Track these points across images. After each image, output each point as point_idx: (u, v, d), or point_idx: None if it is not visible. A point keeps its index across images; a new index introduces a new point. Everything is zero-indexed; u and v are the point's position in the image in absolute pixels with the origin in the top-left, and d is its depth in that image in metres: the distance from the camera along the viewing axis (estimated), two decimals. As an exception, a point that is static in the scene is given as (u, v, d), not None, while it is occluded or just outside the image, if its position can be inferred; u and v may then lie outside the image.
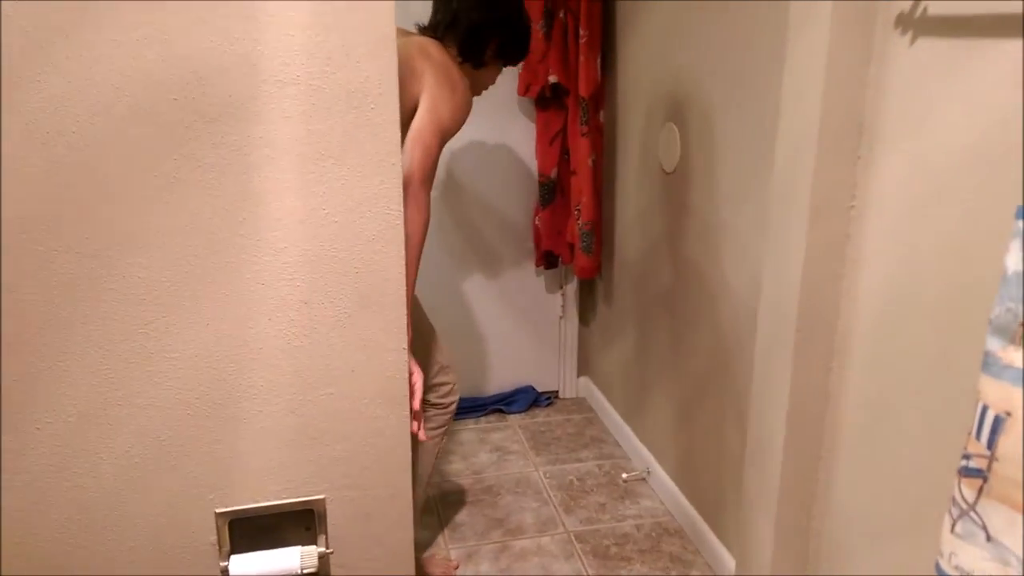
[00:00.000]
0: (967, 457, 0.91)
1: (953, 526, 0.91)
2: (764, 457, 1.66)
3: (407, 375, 1.33)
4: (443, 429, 1.97)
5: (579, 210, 2.67)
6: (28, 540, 1.24)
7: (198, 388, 1.23)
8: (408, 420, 1.35)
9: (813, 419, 1.58)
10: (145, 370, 1.20)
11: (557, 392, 3.11)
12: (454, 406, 1.98)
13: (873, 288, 1.43)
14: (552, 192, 2.74)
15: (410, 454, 1.38)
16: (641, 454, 2.55)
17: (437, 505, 2.39)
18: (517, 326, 3.00)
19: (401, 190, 1.23)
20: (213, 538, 1.31)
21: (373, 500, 1.36)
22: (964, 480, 0.91)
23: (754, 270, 1.79)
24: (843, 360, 1.52)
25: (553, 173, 2.71)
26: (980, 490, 0.88)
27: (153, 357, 1.20)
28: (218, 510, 1.29)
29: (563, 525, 2.29)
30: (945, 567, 0.84)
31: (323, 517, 1.34)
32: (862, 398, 1.48)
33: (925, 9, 1.28)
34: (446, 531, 2.27)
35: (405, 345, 1.30)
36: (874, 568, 1.47)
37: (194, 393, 1.23)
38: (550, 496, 2.44)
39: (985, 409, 0.88)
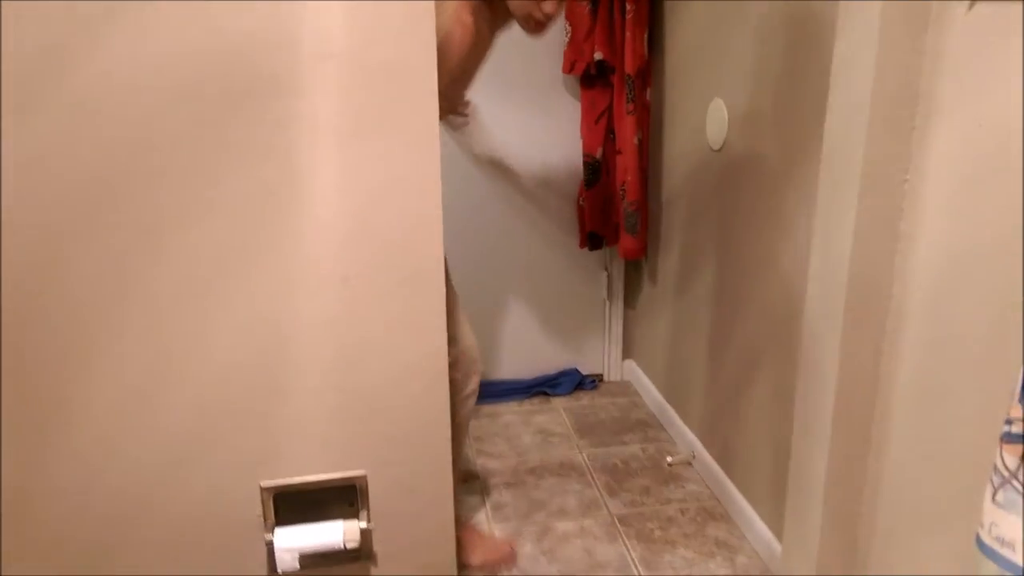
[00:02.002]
0: (1009, 423, 0.87)
1: (994, 495, 0.87)
2: (812, 441, 1.62)
3: (445, 350, 1.32)
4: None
5: (624, 190, 2.63)
6: (79, 513, 1.28)
7: (243, 364, 1.25)
8: (447, 395, 1.35)
9: (863, 402, 1.53)
10: (191, 346, 1.22)
11: (601, 375, 3.08)
12: (460, 385, 1.85)
13: (927, 265, 1.38)
14: (597, 172, 2.70)
15: (449, 430, 1.38)
16: (686, 438, 2.52)
17: (481, 486, 2.40)
18: (561, 308, 2.98)
19: (438, 164, 1.23)
20: (258, 511, 1.33)
21: (413, 476, 1.37)
22: (1006, 447, 0.87)
23: (802, 248, 1.74)
24: (895, 341, 1.47)
25: (598, 152, 2.67)
26: (1022, 457, 0.84)
27: (199, 333, 1.22)
28: (263, 484, 1.31)
29: (607, 508, 2.27)
30: (985, 538, 0.80)
31: (365, 492, 1.35)
32: (914, 380, 1.43)
33: (986, -28, 1.22)
34: (489, 511, 2.27)
35: (443, 324, 1.30)
36: (924, 553, 1.42)
37: (239, 369, 1.25)
38: (594, 479, 2.42)
39: (1027, 371, 0.84)
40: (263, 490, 1.32)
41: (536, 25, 1.57)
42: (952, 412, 1.34)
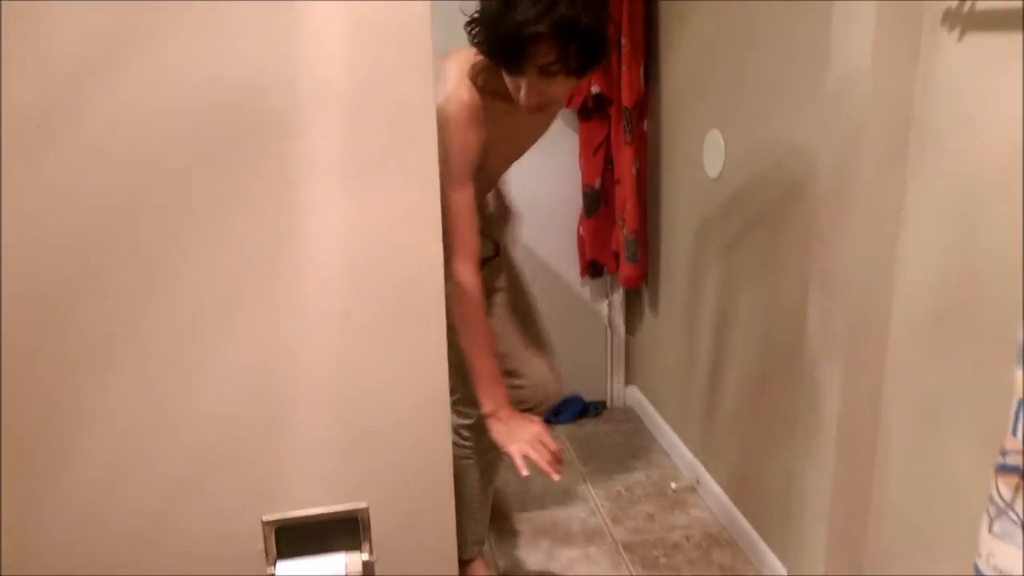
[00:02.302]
0: (1004, 454, 0.88)
1: (991, 526, 0.88)
2: (815, 466, 1.63)
3: (447, 386, 1.33)
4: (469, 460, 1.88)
5: (623, 219, 2.66)
6: (79, 557, 1.28)
7: (245, 398, 1.26)
8: (448, 429, 1.35)
9: (865, 428, 1.54)
10: (192, 382, 1.23)
11: (605, 402, 3.09)
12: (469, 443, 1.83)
13: (925, 290, 1.39)
14: (596, 202, 2.73)
15: (451, 466, 1.38)
16: (690, 464, 2.52)
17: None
18: (563, 336, 2.97)
19: (439, 202, 1.25)
20: (260, 545, 1.33)
21: (416, 509, 1.37)
22: (1001, 477, 0.87)
23: (803, 275, 1.76)
24: (896, 367, 1.48)
25: (597, 183, 2.70)
26: (1017, 488, 0.84)
27: (200, 368, 1.23)
28: (265, 518, 1.32)
29: (611, 535, 2.27)
30: (984, 568, 0.81)
31: (367, 525, 1.36)
32: (916, 406, 1.44)
33: (973, 5, 1.25)
34: (492, 539, 2.27)
35: (444, 357, 1.31)
36: (930, 581, 1.42)
37: (241, 403, 1.26)
38: (598, 506, 2.42)
39: (1021, 404, 0.85)
40: (265, 524, 1.32)
41: (528, 107, 1.45)
42: (953, 438, 1.35)
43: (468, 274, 1.41)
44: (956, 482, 1.34)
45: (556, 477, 1.48)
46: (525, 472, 1.46)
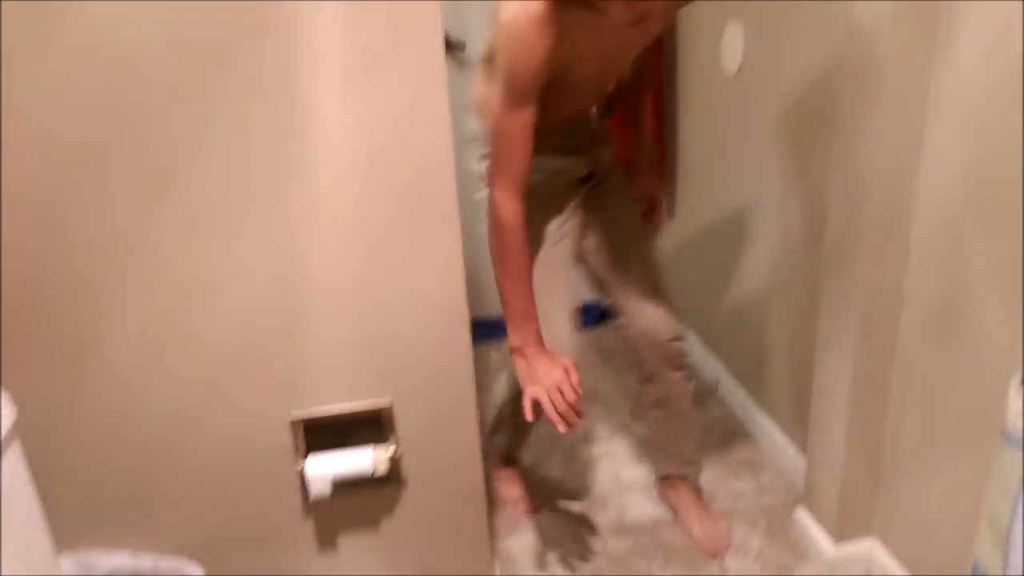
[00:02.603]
0: None
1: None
2: (836, 356, 1.63)
3: (462, 286, 1.33)
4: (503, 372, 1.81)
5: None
6: (110, 448, 1.32)
7: (261, 299, 1.27)
8: (466, 324, 1.36)
9: (887, 316, 1.53)
10: (207, 282, 1.25)
11: (624, 307, 3.08)
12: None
13: (951, 180, 1.36)
14: (611, 103, 2.66)
15: (471, 365, 1.39)
16: (710, 363, 2.53)
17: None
18: (582, 242, 2.97)
19: (445, 97, 1.21)
20: (289, 442, 1.37)
21: (438, 407, 1.40)
22: None
23: (823, 168, 1.72)
24: (920, 255, 1.45)
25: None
26: None
27: (214, 269, 1.24)
28: (293, 414, 1.35)
29: (632, 432, 2.31)
30: (1014, 431, 0.80)
31: (391, 422, 1.39)
32: (940, 294, 1.42)
33: None
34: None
35: (459, 256, 1.31)
36: (950, 465, 1.43)
37: (258, 303, 1.27)
38: (619, 405, 2.46)
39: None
40: (293, 421, 1.35)
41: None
42: (976, 325, 1.34)
43: (504, 200, 1.29)
44: (981, 373, 1.34)
45: (562, 430, 1.33)
46: (530, 418, 1.33)
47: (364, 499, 1.45)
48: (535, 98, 1.27)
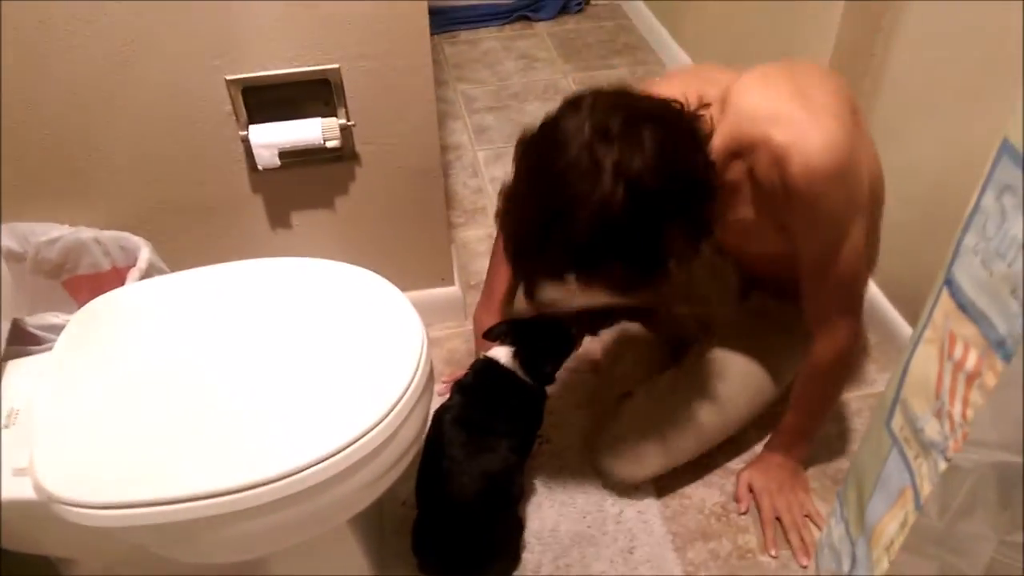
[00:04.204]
0: None
1: None
2: (819, 29, 1.52)
3: None
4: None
5: None
6: (31, 106, 1.19)
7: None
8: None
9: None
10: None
11: (588, -5, 2.86)
12: None
13: None
14: None
15: (427, 23, 1.25)
16: (680, 59, 2.40)
17: (467, 122, 2.32)
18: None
19: None
20: (228, 107, 1.25)
21: (391, 71, 1.27)
22: None
23: None
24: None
25: None
26: None
27: None
28: (228, 77, 1.22)
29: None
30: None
31: (340, 88, 1.27)
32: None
33: None
34: (473, 135, 2.23)
35: None
36: (917, 142, 1.40)
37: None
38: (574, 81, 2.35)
39: None
40: (229, 83, 1.22)
41: None
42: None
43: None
44: (969, 48, 1.25)
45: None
46: None
47: (317, 175, 1.37)
48: None
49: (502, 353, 1.19)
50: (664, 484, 1.34)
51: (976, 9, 1.21)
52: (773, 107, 0.99)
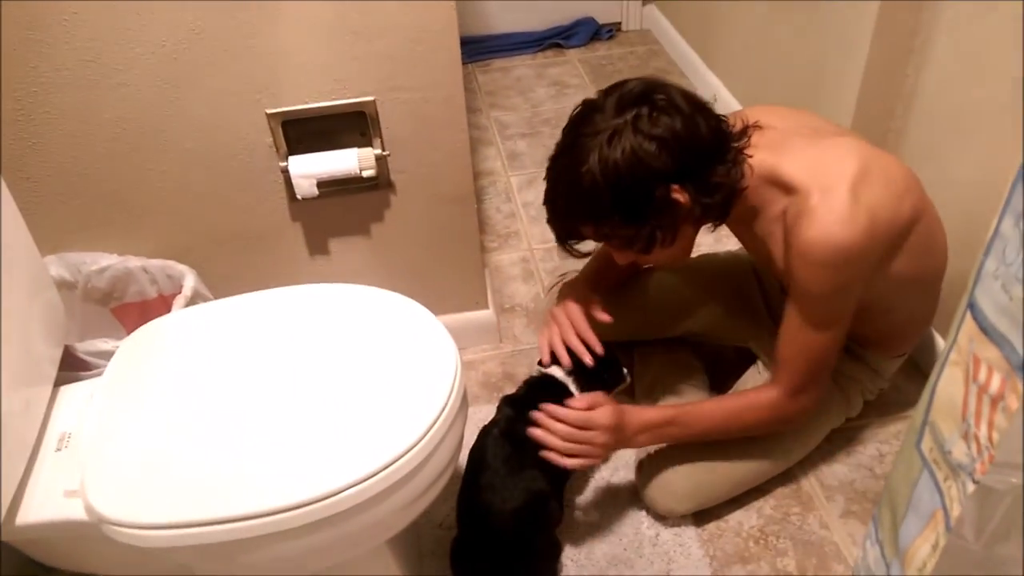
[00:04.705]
0: None
1: None
2: (848, 53, 1.53)
3: None
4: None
5: None
6: (82, 143, 1.25)
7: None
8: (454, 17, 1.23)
9: (907, 9, 1.41)
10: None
11: (620, 23, 2.90)
12: None
13: None
14: None
15: (458, 59, 1.28)
16: (710, 83, 2.42)
17: (500, 148, 2.36)
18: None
19: None
20: (269, 140, 1.30)
21: (425, 102, 1.31)
22: None
23: None
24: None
25: None
26: None
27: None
28: (268, 110, 1.27)
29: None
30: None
31: (375, 120, 1.31)
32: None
33: None
34: (506, 160, 2.27)
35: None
36: (953, 164, 1.39)
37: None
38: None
39: None
40: (269, 117, 1.27)
41: None
42: (1001, 25, 1.22)
43: None
44: (1000, 75, 1.25)
45: None
46: None
47: (354, 203, 1.41)
48: None
49: (558, 371, 1.22)
50: (699, 507, 1.34)
51: (1009, 29, 1.22)
52: (836, 177, 1.04)
